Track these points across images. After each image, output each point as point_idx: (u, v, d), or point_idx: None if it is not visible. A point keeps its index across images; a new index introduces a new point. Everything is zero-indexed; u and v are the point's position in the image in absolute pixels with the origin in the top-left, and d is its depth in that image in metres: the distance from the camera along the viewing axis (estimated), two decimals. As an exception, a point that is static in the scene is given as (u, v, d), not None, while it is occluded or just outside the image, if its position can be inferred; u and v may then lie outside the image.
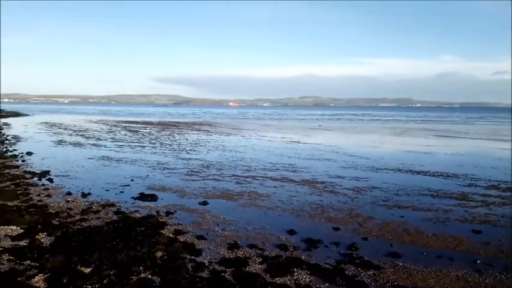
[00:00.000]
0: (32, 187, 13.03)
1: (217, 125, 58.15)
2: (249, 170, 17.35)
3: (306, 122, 72.44)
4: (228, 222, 9.75)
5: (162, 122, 62.18)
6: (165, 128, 48.39)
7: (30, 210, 10.15)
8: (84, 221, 9.40)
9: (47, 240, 7.99)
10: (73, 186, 13.47)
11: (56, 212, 10.07)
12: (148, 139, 31.94)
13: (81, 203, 11.23)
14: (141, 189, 13.22)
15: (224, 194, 12.77)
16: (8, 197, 11.42)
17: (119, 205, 11.08)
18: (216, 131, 44.37)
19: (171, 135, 36.78)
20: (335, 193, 13.24)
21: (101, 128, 46.11)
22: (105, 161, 19.65)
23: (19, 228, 8.69)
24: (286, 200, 12.14)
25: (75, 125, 51.26)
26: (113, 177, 15.41)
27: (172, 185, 13.98)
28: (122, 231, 8.61)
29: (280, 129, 50.91)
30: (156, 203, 11.51)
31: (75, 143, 28.25)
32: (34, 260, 6.92)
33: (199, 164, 18.99)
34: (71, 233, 8.43)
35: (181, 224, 9.45)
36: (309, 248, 8.12)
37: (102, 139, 31.30)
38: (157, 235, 8.43)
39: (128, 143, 28.28)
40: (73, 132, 38.00)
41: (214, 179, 15.29)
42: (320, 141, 32.87)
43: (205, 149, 25.57)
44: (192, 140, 32.06)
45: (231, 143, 29.63)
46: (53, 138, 31.39)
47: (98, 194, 12.36)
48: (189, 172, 16.64)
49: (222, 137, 35.91)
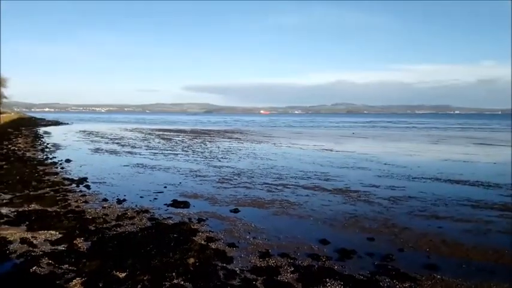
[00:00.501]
0: (70, 193, 13.51)
1: (248, 132, 58.45)
2: (280, 178, 17.25)
3: (339, 130, 71.54)
4: (259, 231, 9.69)
5: (194, 130, 63.19)
6: (197, 136, 49.13)
7: (68, 215, 10.49)
8: (120, 227, 9.62)
9: (84, 245, 8.22)
10: (109, 192, 13.85)
11: (93, 218, 10.36)
12: (181, 147, 32.49)
13: (116, 209, 11.52)
14: (174, 196, 13.41)
15: (255, 202, 12.73)
16: (48, 202, 11.88)
17: (153, 211, 11.27)
18: (247, 138, 44.58)
19: (203, 143, 37.28)
20: (369, 202, 12.91)
21: (135, 136, 47.40)
22: (139, 168, 20.13)
23: (58, 233, 8.99)
24: (318, 209, 11.95)
25: (111, 133, 52.97)
26: (147, 184, 15.73)
27: (204, 192, 14.10)
28: (155, 237, 8.73)
29: (312, 136, 50.51)
30: (188, 210, 11.63)
31: (111, 150, 29.15)
32: (72, 264, 7.12)
33: (230, 171, 19.09)
34: (106, 238, 8.64)
35: (212, 231, 9.48)
36: (342, 258, 7.93)
37: (136, 147, 32.14)
38: (189, 242, 8.48)
39: (161, 151, 28.88)
40: (109, 140, 39.26)
41: (245, 186, 15.30)
42: (353, 149, 32.31)
43: (236, 156, 25.71)
44: (223, 147, 32.34)
45: (262, 151, 29.64)
46: (90, 146, 32.55)
47: (132, 201, 12.64)
48: (221, 180, 16.75)
49: (253, 144, 36.02)
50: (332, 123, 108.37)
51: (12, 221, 9.83)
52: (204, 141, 38.92)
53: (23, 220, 9.91)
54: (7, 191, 13.52)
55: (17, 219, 9.98)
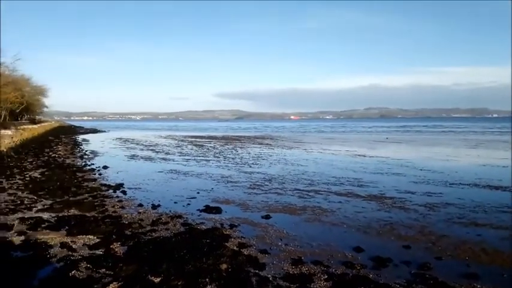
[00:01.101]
0: (107, 199, 13.94)
1: (278, 138, 58.39)
2: (312, 184, 17.09)
3: (372, 135, 70.16)
4: (291, 237, 9.62)
5: (225, 137, 63.82)
6: (228, 142, 49.58)
7: (105, 220, 10.83)
8: (154, 232, 9.82)
9: (120, 250, 8.45)
10: (144, 198, 14.19)
11: (129, 223, 10.64)
12: (213, 153, 32.88)
13: (151, 214, 11.78)
14: (206, 201, 13.57)
15: (287, 208, 12.67)
16: (86, 208, 12.31)
17: (186, 217, 11.44)
18: (277, 144, 44.53)
19: (233, 149, 37.57)
20: (405, 209, 12.56)
21: (169, 142, 48.43)
22: (173, 174, 20.52)
23: (96, 237, 9.29)
24: (352, 216, 11.73)
25: (146, 140, 54.39)
26: (180, 189, 16.01)
27: (236, 198, 14.18)
28: (188, 242, 8.86)
29: (344, 142, 49.80)
30: (220, 215, 11.73)
31: (146, 157, 29.91)
32: (109, 268, 7.33)
33: (261, 177, 19.11)
34: (142, 243, 8.84)
35: (244, 237, 9.50)
36: (377, 266, 7.73)
37: (170, 153, 32.82)
38: (222, 247, 8.55)
39: (193, 157, 29.34)
40: (144, 147, 40.31)
41: (277, 192, 15.26)
42: (387, 154, 31.58)
43: (267, 162, 25.72)
44: (254, 153, 32.45)
45: (293, 157, 29.51)
46: (126, 153, 33.54)
47: (166, 206, 12.89)
48: (252, 185, 16.79)
49: (283, 150, 35.94)
50: (365, 128, 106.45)
51: (52, 226, 10.24)
52: (235, 147, 39.22)
53: (63, 225, 10.31)
54: (48, 196, 14.13)
55: (57, 224, 10.39)
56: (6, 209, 12.07)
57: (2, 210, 11.92)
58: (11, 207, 12.24)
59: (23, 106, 66.57)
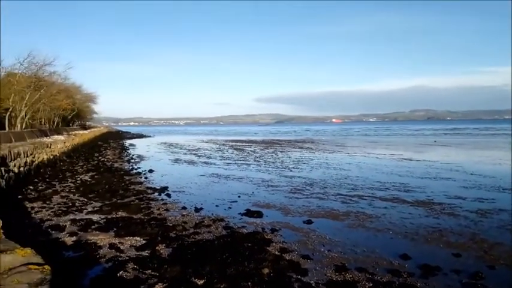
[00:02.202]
0: (153, 202, 14.36)
1: (319, 142, 57.71)
2: (355, 189, 16.69)
3: (418, 138, 67.59)
4: (334, 243, 9.43)
5: (265, 141, 63.98)
6: (268, 146, 49.65)
7: (151, 222, 11.15)
8: (197, 235, 9.98)
9: (165, 251, 8.65)
10: (187, 201, 14.48)
11: (173, 225, 10.88)
12: (253, 157, 33.03)
13: (194, 217, 11.99)
14: (247, 205, 13.62)
15: (329, 214, 12.44)
16: (133, 210, 12.75)
17: (228, 220, 11.54)
18: (318, 148, 44.01)
19: (274, 153, 37.54)
20: (455, 216, 11.94)
21: (210, 147, 49.26)
22: (214, 178, 20.81)
23: (142, 239, 9.58)
24: (398, 222, 11.32)
25: (189, 144, 55.64)
26: (221, 193, 16.19)
27: (277, 203, 14.12)
28: (230, 245, 8.92)
29: (388, 145, 48.34)
30: (261, 219, 11.72)
31: (189, 161, 30.58)
32: (154, 269, 7.52)
33: (302, 181, 18.93)
34: (186, 245, 9.01)
35: (286, 242, 9.42)
36: (425, 275, 7.39)
37: (212, 157, 33.36)
38: (263, 252, 8.53)
39: (234, 161, 29.62)
40: (187, 152, 41.26)
41: (318, 197, 15.04)
42: (436, 158, 30.28)
43: (308, 166, 25.45)
44: (294, 157, 32.25)
45: (335, 161, 29.00)
46: (170, 157, 34.48)
47: (208, 209, 13.07)
48: (293, 190, 16.66)
49: (325, 154, 35.44)
50: (410, 131, 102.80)
51: (102, 227, 10.69)
52: (275, 151, 39.19)
53: (111, 226, 10.73)
54: (98, 199, 14.78)
55: (106, 226, 10.83)
56: (59, 210, 12.76)
57: (55, 212, 12.61)
58: (64, 209, 12.92)
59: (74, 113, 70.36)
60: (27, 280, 3.02)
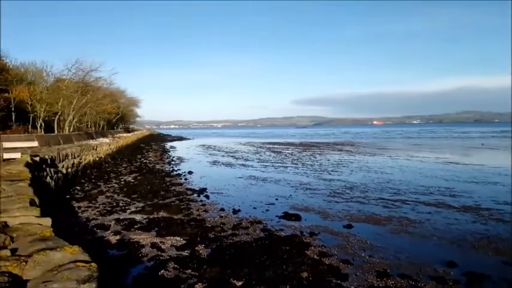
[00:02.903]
0: (192, 202, 14.63)
1: (360, 144, 56.49)
2: (398, 193, 16.16)
3: (465, 141, 64.52)
4: (376, 249, 9.16)
5: (303, 143, 63.48)
6: (306, 148, 49.22)
7: (191, 223, 11.35)
8: (235, 236, 10.04)
9: (204, 252, 8.77)
10: (225, 203, 14.62)
11: (212, 226, 11.02)
12: (291, 160, 32.86)
13: (232, 218, 12.07)
14: (285, 208, 13.54)
15: (370, 218, 12.12)
16: (173, 211, 13.03)
17: (265, 223, 11.52)
18: (358, 151, 43.09)
19: (312, 155, 37.16)
20: (504, 222, 11.28)
21: (248, 149, 49.54)
22: (252, 180, 20.88)
23: (182, 239, 9.76)
24: (443, 228, 10.84)
25: (227, 147, 56.26)
26: (259, 195, 16.21)
27: (315, 206, 13.94)
28: (268, 248, 8.89)
29: (433, 148, 46.50)
30: (299, 223, 11.60)
31: (226, 163, 30.91)
32: (194, 269, 7.64)
33: (341, 185, 18.58)
34: (224, 247, 9.09)
35: (325, 246, 9.27)
36: (472, 283, 7.04)
37: (249, 160, 33.52)
38: (302, 255, 8.43)
39: (271, 163, 29.60)
40: (225, 154, 41.74)
41: (359, 201, 14.70)
42: (483, 161, 28.76)
43: (347, 169, 24.96)
44: (333, 160, 31.75)
45: (376, 164, 28.26)
46: (209, 159, 35.01)
47: (246, 211, 13.12)
48: (332, 193, 16.39)
49: (365, 157, 34.63)
50: (457, 133, 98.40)
51: (144, 227, 11.00)
52: (313, 154, 38.78)
53: (153, 226, 11.02)
54: (140, 199, 15.25)
55: (148, 226, 11.14)
56: (104, 210, 13.27)
57: (101, 211, 13.13)
58: (108, 209, 13.43)
59: (118, 116, 73.24)
60: (76, 277, 3.15)
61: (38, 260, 3.52)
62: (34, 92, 38.69)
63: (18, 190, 7.59)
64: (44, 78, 42.13)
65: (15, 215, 5.40)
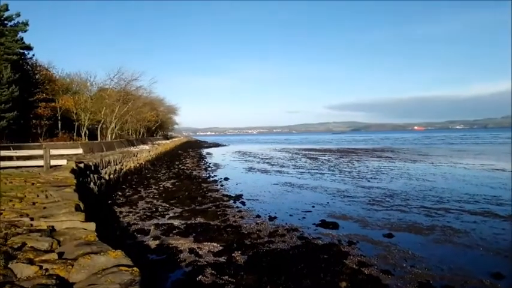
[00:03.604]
0: (228, 209, 14.73)
1: (400, 151, 54.88)
2: (441, 202, 15.52)
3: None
4: (418, 259, 8.82)
5: (340, 149, 62.51)
6: (343, 154, 48.42)
7: (227, 229, 11.42)
8: (272, 243, 9.99)
9: (241, 258, 8.79)
10: (261, 209, 14.61)
11: (248, 233, 11.04)
12: (327, 166, 32.42)
13: (268, 226, 12.03)
14: (322, 216, 13.34)
15: (412, 227, 11.69)
16: (210, 217, 13.18)
17: (302, 230, 11.39)
18: (399, 157, 41.86)
19: (349, 162, 36.49)
20: (560, 234, 10.53)
21: (283, 155, 49.40)
22: (288, 187, 20.77)
23: (219, 245, 9.83)
24: (489, 238, 10.28)
25: (262, 153, 56.39)
26: (295, 202, 16.08)
27: (353, 214, 13.64)
28: (305, 256, 8.78)
29: (478, 154, 44.38)
30: (337, 231, 11.39)
31: (262, 169, 30.96)
32: (231, 276, 7.66)
33: (381, 192, 18.08)
34: (261, 254, 9.07)
35: (364, 256, 9.03)
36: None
37: (285, 166, 33.40)
38: (340, 264, 8.26)
39: (308, 170, 29.33)
40: (260, 160, 41.83)
41: (400, 209, 14.24)
42: (532, 168, 27.09)
43: (387, 176, 24.29)
44: (372, 167, 31.01)
45: (417, 171, 27.33)
46: (244, 165, 35.21)
47: (282, 218, 13.04)
48: (371, 201, 15.98)
49: (406, 164, 33.58)
50: (502, 139, 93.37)
51: (182, 232, 11.19)
52: (351, 161, 38.07)
53: (191, 232, 11.18)
54: (178, 205, 15.55)
55: (186, 231, 11.32)
56: (144, 215, 13.64)
57: (141, 216, 13.50)
58: (148, 214, 13.79)
59: (157, 124, 75.44)
60: (119, 280, 3.24)
61: (83, 263, 3.66)
62: (79, 101, 40.66)
63: (64, 195, 7.95)
64: (88, 88, 44.21)
65: (62, 220, 5.65)
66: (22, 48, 32.30)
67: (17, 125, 28.80)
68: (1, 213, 6.08)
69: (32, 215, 6.01)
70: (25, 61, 33.86)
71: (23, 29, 31.93)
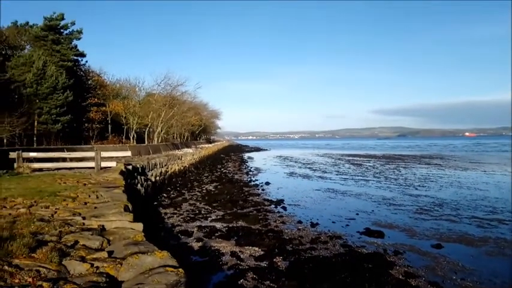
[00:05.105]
0: (269, 213, 14.71)
1: (449, 158, 52.40)
2: (494, 212, 14.62)
3: None
4: (469, 271, 8.35)
5: (386, 155, 60.66)
6: (389, 161, 46.94)
7: (268, 234, 11.39)
8: (314, 250, 9.85)
9: (283, 264, 8.73)
10: (303, 215, 14.46)
11: (289, 239, 10.95)
12: (372, 173, 31.56)
13: (310, 232, 11.88)
14: (367, 224, 12.97)
15: (462, 238, 11.09)
16: (251, 221, 13.21)
17: (345, 238, 11.13)
18: (448, 164, 39.96)
19: (396, 169, 35.30)
20: None
21: (326, 161, 48.69)
22: (330, 193, 20.42)
23: (260, 249, 9.83)
24: (551, 254, 9.52)
25: (304, 158, 55.92)
26: (338, 209, 15.77)
27: (400, 223, 13.15)
28: (349, 265, 8.56)
29: (535, 163, 41.43)
30: (383, 240, 11.02)
31: (303, 175, 30.68)
32: (272, 281, 7.62)
33: (429, 201, 17.32)
34: (302, 260, 8.95)
35: (411, 266, 8.67)
36: None
37: (327, 172, 32.89)
38: (385, 275, 7.98)
39: (351, 176, 28.69)
40: (302, 165, 41.49)
41: (449, 219, 13.56)
42: None
43: (436, 185, 23.24)
44: (420, 174, 29.80)
45: (469, 179, 25.93)
46: (286, 170, 35.06)
47: (325, 225, 12.83)
48: (418, 210, 15.34)
49: (456, 171, 31.98)
50: None
51: (224, 235, 11.31)
52: (397, 167, 36.82)
53: (232, 235, 11.27)
54: (220, 208, 15.75)
55: (228, 234, 11.43)
56: (188, 217, 13.93)
57: (184, 218, 13.81)
58: (191, 216, 14.08)
59: (201, 128, 77.09)
60: (165, 281, 3.32)
61: (132, 262, 3.78)
62: (128, 105, 42.47)
63: (114, 196, 8.29)
64: (136, 93, 46.06)
65: (111, 220, 5.89)
66: (76, 55, 34.34)
67: (71, 128, 30.55)
68: (56, 212, 6.45)
69: (84, 214, 6.32)
70: (79, 67, 35.91)
71: (77, 36, 33.94)
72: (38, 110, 27.06)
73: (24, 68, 27.45)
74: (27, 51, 31.79)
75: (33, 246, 4.09)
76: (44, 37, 31.46)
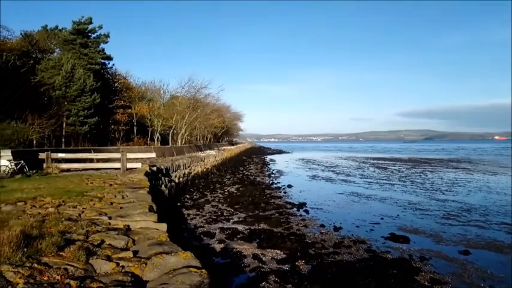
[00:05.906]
0: (291, 216, 14.63)
1: (478, 162, 50.83)
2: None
3: None
4: (498, 279, 8.08)
5: (412, 159, 59.36)
6: (415, 165, 45.92)
7: (291, 237, 11.33)
8: (337, 255, 9.72)
9: (305, 268, 8.65)
10: (326, 219, 14.31)
11: (312, 242, 10.85)
12: (398, 176, 30.95)
13: (333, 236, 11.74)
14: (392, 229, 12.72)
15: (491, 245, 10.73)
16: (273, 223, 13.17)
17: (369, 243, 10.95)
18: (477, 169, 38.76)
19: (422, 173, 34.50)
20: None
21: (349, 164, 48.07)
22: (354, 196, 20.14)
23: (282, 252, 9.79)
24: None
25: (327, 161, 55.39)
26: (362, 213, 15.53)
27: (426, 228, 12.83)
28: (373, 270, 8.41)
29: None
30: (408, 245, 10.77)
31: (326, 178, 30.39)
32: (295, 285, 7.57)
33: (457, 206, 16.83)
34: (325, 264, 8.86)
35: (437, 273, 8.44)
36: None
37: (351, 175, 32.47)
38: (411, 281, 7.81)
39: (376, 180, 28.22)
40: (325, 168, 41.12)
41: (478, 225, 13.13)
42: None
43: (464, 189, 22.57)
44: (447, 178, 29.03)
45: (499, 184, 25.07)
46: (308, 173, 34.83)
47: (348, 229, 12.65)
48: (445, 215, 14.93)
49: (485, 176, 30.97)
50: None
51: (246, 238, 11.32)
52: (423, 171, 35.97)
53: (254, 238, 11.27)
54: (242, 210, 15.79)
55: (249, 236, 11.43)
56: (210, 219, 14.03)
57: (207, 219, 13.90)
58: (213, 218, 14.16)
59: (223, 130, 77.62)
60: (189, 282, 3.35)
61: (156, 262, 3.84)
62: (153, 108, 43.22)
63: (139, 197, 8.44)
64: (161, 96, 46.84)
65: (136, 220, 6.00)
66: (103, 58, 35.20)
67: (98, 129, 31.33)
68: (83, 212, 6.62)
69: (110, 214, 6.45)
70: (106, 70, 36.80)
71: (105, 40, 34.81)
72: (66, 112, 27.88)
73: (53, 71, 28.36)
74: (56, 55, 32.82)
75: (62, 245, 4.20)
76: (73, 41, 32.42)
